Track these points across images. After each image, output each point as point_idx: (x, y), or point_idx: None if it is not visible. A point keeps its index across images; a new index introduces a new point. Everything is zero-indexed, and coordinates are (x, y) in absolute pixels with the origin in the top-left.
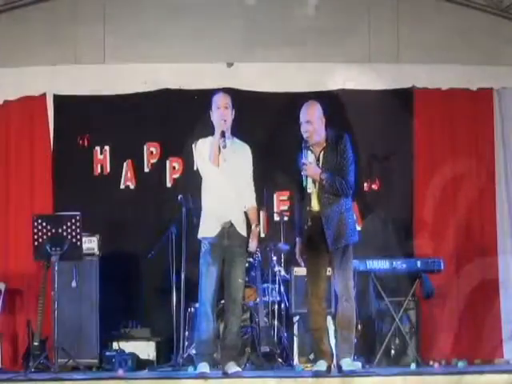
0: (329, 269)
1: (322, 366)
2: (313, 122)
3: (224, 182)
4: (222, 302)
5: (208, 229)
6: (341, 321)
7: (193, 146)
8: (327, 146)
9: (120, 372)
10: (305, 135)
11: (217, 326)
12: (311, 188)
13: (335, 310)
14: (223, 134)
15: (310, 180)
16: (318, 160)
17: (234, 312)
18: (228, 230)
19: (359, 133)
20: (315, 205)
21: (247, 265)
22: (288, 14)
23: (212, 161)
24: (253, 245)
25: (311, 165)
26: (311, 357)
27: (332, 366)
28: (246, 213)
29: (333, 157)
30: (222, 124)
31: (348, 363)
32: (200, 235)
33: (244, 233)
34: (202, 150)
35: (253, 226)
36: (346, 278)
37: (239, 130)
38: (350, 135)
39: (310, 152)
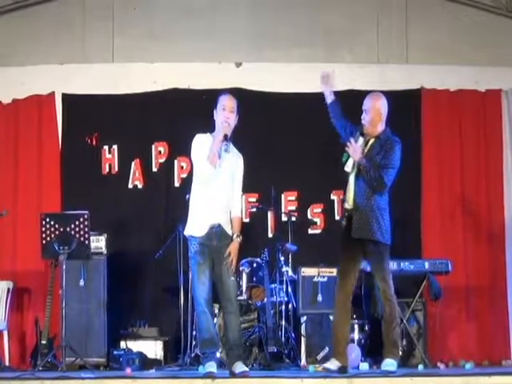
0: None
1: (332, 364)
2: (368, 112)
3: (216, 184)
4: None
5: (196, 228)
6: (383, 320)
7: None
8: (378, 140)
9: (128, 371)
10: (362, 122)
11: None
12: (349, 168)
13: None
14: (226, 138)
15: (351, 160)
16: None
17: (232, 310)
18: (216, 230)
19: None
20: (350, 199)
21: (255, 265)
22: (297, 14)
23: (210, 161)
24: (232, 253)
25: (356, 145)
26: (319, 357)
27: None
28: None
29: (377, 152)
30: (225, 127)
31: (387, 363)
32: (187, 233)
33: (230, 233)
34: (201, 147)
35: (234, 236)
36: (381, 278)
37: (247, 129)
38: (401, 145)
39: (361, 138)
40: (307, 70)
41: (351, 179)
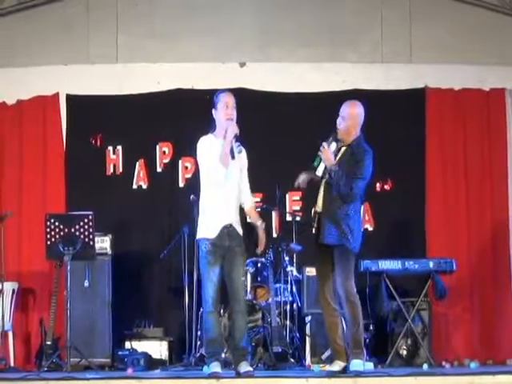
0: None
1: (335, 366)
2: (345, 120)
3: (229, 184)
4: None
5: (209, 230)
6: (346, 321)
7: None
8: (350, 149)
9: (129, 371)
10: (337, 126)
11: (228, 326)
12: (320, 172)
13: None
14: (237, 138)
15: (322, 165)
16: (336, 155)
17: (239, 310)
18: (228, 230)
19: (371, 133)
20: (319, 204)
21: (259, 265)
22: (301, 14)
23: (223, 163)
24: (262, 244)
25: (329, 151)
26: (323, 357)
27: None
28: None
29: (348, 161)
30: (231, 124)
31: (354, 364)
32: (200, 236)
33: (241, 232)
34: (209, 149)
35: (259, 223)
36: (344, 278)
37: (252, 129)
38: (373, 153)
39: (335, 143)
40: (312, 69)
41: (322, 184)
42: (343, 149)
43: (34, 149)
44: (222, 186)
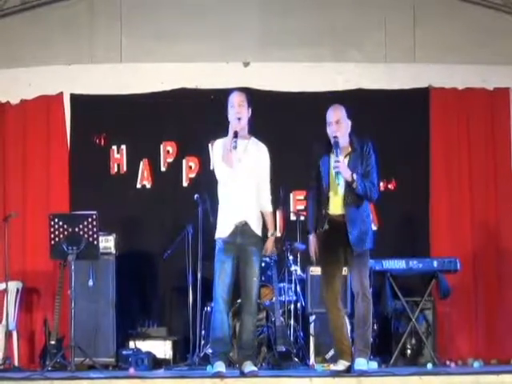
0: (344, 268)
1: (340, 366)
2: (340, 123)
3: (238, 182)
4: (239, 301)
5: (223, 229)
6: (356, 319)
7: (209, 145)
8: (353, 151)
9: (131, 370)
10: (333, 134)
11: (233, 325)
12: (343, 187)
13: (351, 309)
14: (236, 135)
15: (342, 178)
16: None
17: (249, 311)
18: (242, 228)
19: (375, 132)
20: (336, 208)
21: (263, 264)
22: (304, 14)
23: (225, 161)
24: (268, 250)
25: (344, 163)
26: (327, 356)
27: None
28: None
29: (358, 162)
30: (235, 123)
31: (360, 363)
32: (216, 236)
33: (259, 232)
34: (217, 150)
35: (269, 234)
36: (362, 276)
37: (255, 129)
38: (372, 142)
39: (340, 155)
40: (315, 69)
41: (339, 189)
42: (348, 157)
43: (37, 149)
44: (231, 184)
